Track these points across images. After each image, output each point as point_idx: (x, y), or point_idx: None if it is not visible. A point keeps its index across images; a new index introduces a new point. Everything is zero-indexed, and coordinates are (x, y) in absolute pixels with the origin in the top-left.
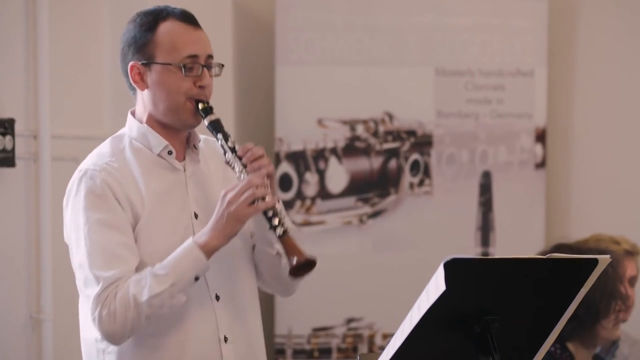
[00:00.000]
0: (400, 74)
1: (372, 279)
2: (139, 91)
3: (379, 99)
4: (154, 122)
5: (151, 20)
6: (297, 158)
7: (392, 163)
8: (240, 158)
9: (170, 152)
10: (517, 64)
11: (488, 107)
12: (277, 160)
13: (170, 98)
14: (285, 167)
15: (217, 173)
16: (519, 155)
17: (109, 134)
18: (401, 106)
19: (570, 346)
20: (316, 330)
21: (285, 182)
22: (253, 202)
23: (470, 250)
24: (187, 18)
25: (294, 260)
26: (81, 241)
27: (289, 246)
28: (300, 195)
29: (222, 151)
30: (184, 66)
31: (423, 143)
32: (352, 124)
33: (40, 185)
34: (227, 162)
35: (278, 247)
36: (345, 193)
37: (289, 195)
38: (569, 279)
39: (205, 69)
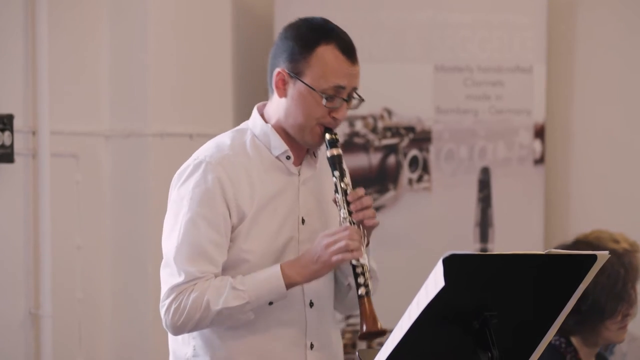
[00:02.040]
0: (399, 70)
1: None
2: (275, 95)
3: (378, 95)
4: (280, 127)
5: (314, 38)
6: None
7: (391, 159)
8: (348, 203)
9: (288, 157)
10: (516, 60)
11: (487, 103)
12: None
13: (302, 118)
14: None
15: (330, 183)
16: (517, 151)
17: (108, 130)
18: (400, 102)
19: (574, 341)
20: None
21: None
22: (346, 251)
23: (469, 246)
24: (348, 50)
25: (365, 328)
26: (175, 229)
27: (366, 310)
28: None
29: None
30: (327, 97)
31: (422, 139)
32: (350, 120)
33: (39, 181)
34: (335, 201)
35: (350, 280)
36: None
37: None
38: (568, 274)
39: (345, 104)
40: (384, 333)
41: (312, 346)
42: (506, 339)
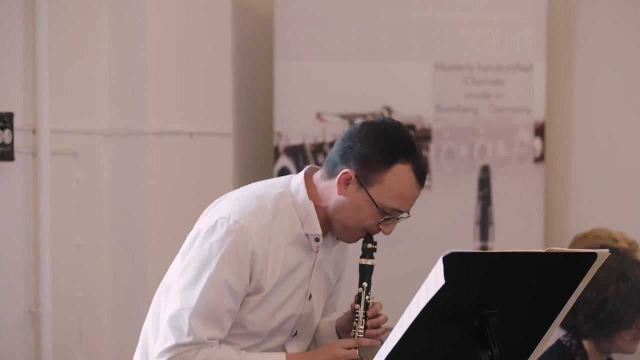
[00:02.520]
0: (399, 68)
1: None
2: (333, 185)
3: (378, 93)
4: (321, 209)
5: (394, 153)
6: (296, 152)
7: None
8: (366, 317)
9: (317, 239)
10: (516, 59)
11: (487, 102)
12: (276, 154)
13: (352, 221)
14: (284, 161)
15: (334, 258)
16: (517, 150)
17: (108, 129)
18: (400, 100)
19: (586, 344)
20: None
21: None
22: None
23: (469, 244)
24: (421, 175)
25: None
26: (197, 287)
27: None
28: None
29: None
30: (387, 217)
31: (422, 137)
32: (351, 118)
33: (39, 179)
34: (355, 311)
35: (334, 315)
36: None
37: None
38: (568, 273)
39: (396, 222)
40: None
41: None
42: (506, 337)
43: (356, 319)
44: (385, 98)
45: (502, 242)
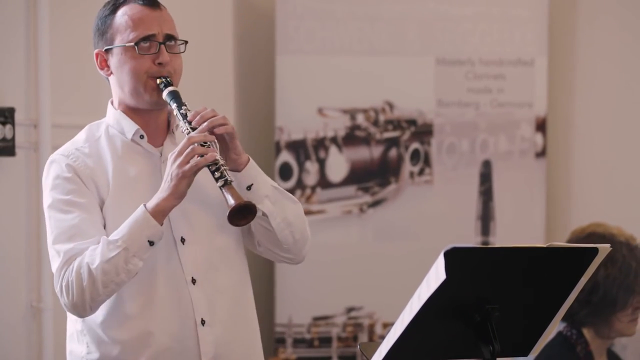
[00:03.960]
0: (400, 63)
1: (373, 268)
2: (110, 79)
3: (380, 88)
4: (126, 107)
5: (111, 6)
6: (298, 147)
7: (393, 152)
8: (190, 122)
9: (142, 136)
10: (518, 53)
11: (488, 97)
12: (278, 149)
13: (132, 79)
14: (286, 156)
15: None
16: (519, 145)
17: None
18: (401, 95)
19: (586, 333)
20: (316, 319)
21: (285, 171)
22: (194, 158)
23: (471, 239)
24: (146, 0)
25: (233, 202)
26: (47, 221)
27: (229, 192)
28: (300, 184)
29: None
30: (138, 44)
31: (423, 132)
32: (352, 113)
33: (40, 174)
34: (182, 131)
35: (263, 207)
36: (345, 182)
37: (289, 184)
38: (570, 267)
39: (163, 47)
40: (252, 206)
41: (203, 322)
42: (508, 332)
43: (182, 130)
44: (386, 93)
45: (504, 237)
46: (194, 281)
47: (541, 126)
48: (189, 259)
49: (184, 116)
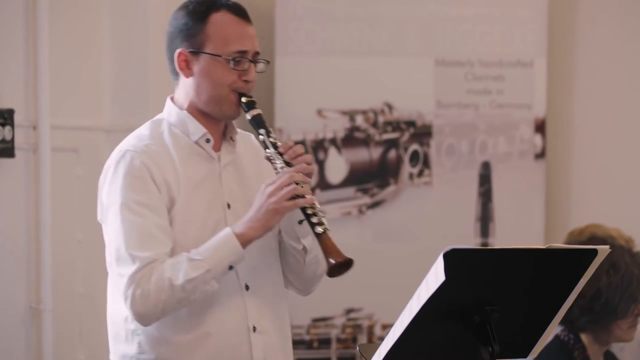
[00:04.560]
0: (400, 64)
1: (372, 269)
2: (182, 78)
3: (379, 89)
4: (195, 110)
5: (204, 9)
6: None
7: (392, 153)
8: (281, 154)
9: (208, 140)
10: (517, 55)
11: (488, 98)
12: None
13: (214, 89)
14: None
15: (251, 167)
16: (518, 146)
17: (109, 125)
18: (401, 97)
19: (584, 338)
20: (315, 320)
21: None
22: (292, 198)
23: (470, 240)
24: (240, 11)
25: (332, 261)
26: (117, 220)
27: (328, 246)
28: None
29: (257, 145)
30: (233, 60)
31: (422, 133)
32: (351, 115)
33: (39, 176)
34: (268, 158)
35: (305, 242)
36: (344, 183)
37: None
38: (569, 269)
39: (252, 65)
40: (351, 263)
41: (254, 329)
42: (507, 333)
43: (272, 161)
44: (385, 94)
45: (503, 238)
46: (247, 287)
47: (540, 127)
48: (244, 264)
49: (275, 145)
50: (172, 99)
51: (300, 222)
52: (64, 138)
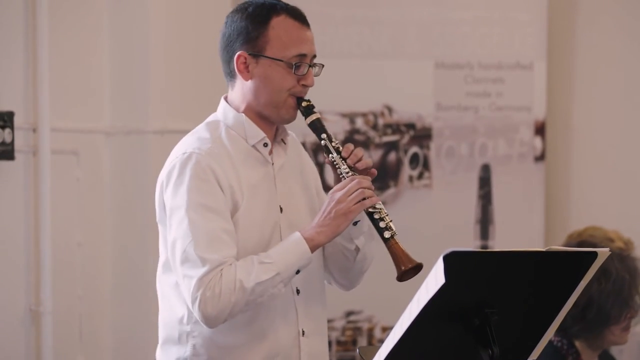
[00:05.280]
0: (399, 67)
1: (372, 271)
2: (239, 80)
3: (379, 91)
4: (252, 112)
5: (264, 13)
6: None
7: (392, 156)
8: (344, 159)
9: (265, 145)
10: (517, 57)
11: (487, 100)
12: None
13: (274, 93)
14: None
15: (296, 168)
16: (518, 148)
17: (108, 128)
18: (401, 99)
19: (577, 344)
20: None
21: None
22: (359, 202)
23: (470, 243)
24: (299, 16)
25: (402, 267)
26: (183, 223)
27: (396, 251)
28: None
29: (298, 143)
30: (295, 64)
31: (422, 136)
32: (351, 117)
33: (39, 178)
34: (332, 162)
35: (357, 242)
36: None
37: None
38: (568, 272)
39: (311, 69)
40: (421, 266)
41: (303, 333)
42: (507, 336)
43: (336, 166)
44: (385, 96)
45: (503, 240)
46: (298, 291)
47: (540, 130)
48: None
49: (337, 150)
50: (225, 99)
51: (355, 223)
52: (63, 141)
